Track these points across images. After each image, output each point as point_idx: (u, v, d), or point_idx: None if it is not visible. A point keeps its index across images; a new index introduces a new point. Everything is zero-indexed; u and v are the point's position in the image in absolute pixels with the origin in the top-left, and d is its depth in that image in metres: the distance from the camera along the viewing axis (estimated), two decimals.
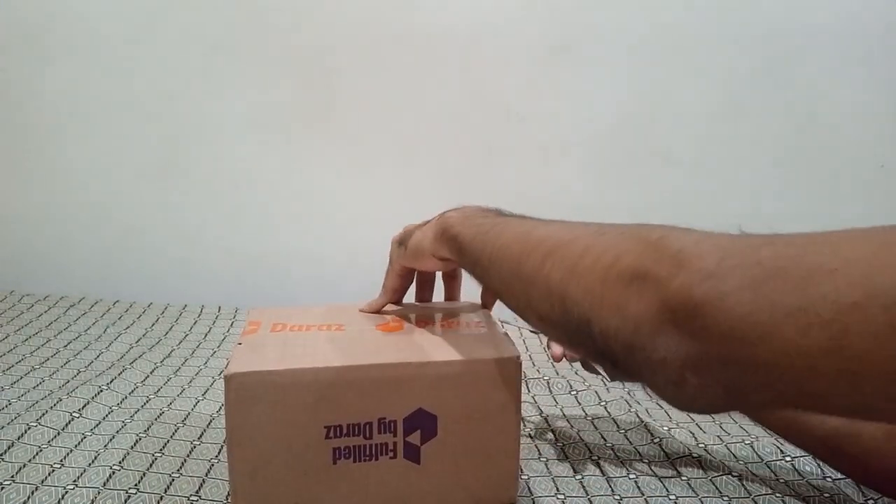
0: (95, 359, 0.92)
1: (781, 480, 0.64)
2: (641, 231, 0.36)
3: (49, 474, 0.61)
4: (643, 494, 0.62)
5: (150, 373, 0.87)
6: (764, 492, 0.62)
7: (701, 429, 0.74)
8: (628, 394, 0.83)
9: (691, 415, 0.78)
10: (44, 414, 0.71)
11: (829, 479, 0.64)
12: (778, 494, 0.62)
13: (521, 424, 0.75)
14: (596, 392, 0.83)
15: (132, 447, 0.67)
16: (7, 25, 1.20)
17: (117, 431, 0.70)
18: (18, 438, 0.66)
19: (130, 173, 1.25)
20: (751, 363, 0.29)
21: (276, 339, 0.55)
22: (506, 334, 0.58)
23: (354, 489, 0.52)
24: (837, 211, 1.25)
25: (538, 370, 0.90)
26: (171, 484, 0.61)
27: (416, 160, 1.24)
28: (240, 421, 0.49)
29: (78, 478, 0.61)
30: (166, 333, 1.02)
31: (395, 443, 0.52)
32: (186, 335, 1.02)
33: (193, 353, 0.96)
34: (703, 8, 1.18)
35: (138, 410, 0.76)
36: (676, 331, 0.31)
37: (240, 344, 0.54)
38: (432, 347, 0.55)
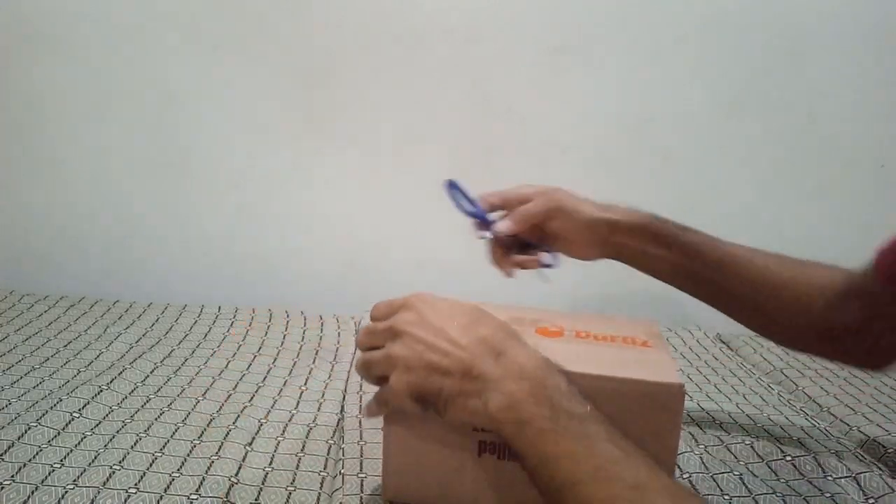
0: (95, 359, 0.92)
1: (782, 480, 0.64)
2: None
3: (49, 474, 0.61)
4: None
5: (150, 373, 0.87)
6: (764, 491, 0.62)
7: (700, 429, 0.74)
8: None
9: (690, 414, 0.78)
10: (44, 414, 0.71)
11: (829, 479, 0.64)
12: (778, 494, 0.62)
13: None
14: None
15: (132, 447, 0.67)
16: (6, 25, 1.20)
17: (117, 431, 0.70)
18: (18, 438, 0.66)
19: (130, 173, 1.25)
20: None
21: None
22: (673, 359, 0.56)
23: (495, 485, 0.53)
24: (838, 211, 1.25)
25: None
26: (170, 483, 0.61)
27: (416, 160, 1.24)
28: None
29: (78, 478, 0.61)
30: (166, 333, 1.02)
31: None
32: (186, 335, 1.02)
33: (193, 353, 0.96)
34: (704, 8, 1.18)
35: (138, 410, 0.75)
36: None
37: None
38: (590, 359, 0.53)
